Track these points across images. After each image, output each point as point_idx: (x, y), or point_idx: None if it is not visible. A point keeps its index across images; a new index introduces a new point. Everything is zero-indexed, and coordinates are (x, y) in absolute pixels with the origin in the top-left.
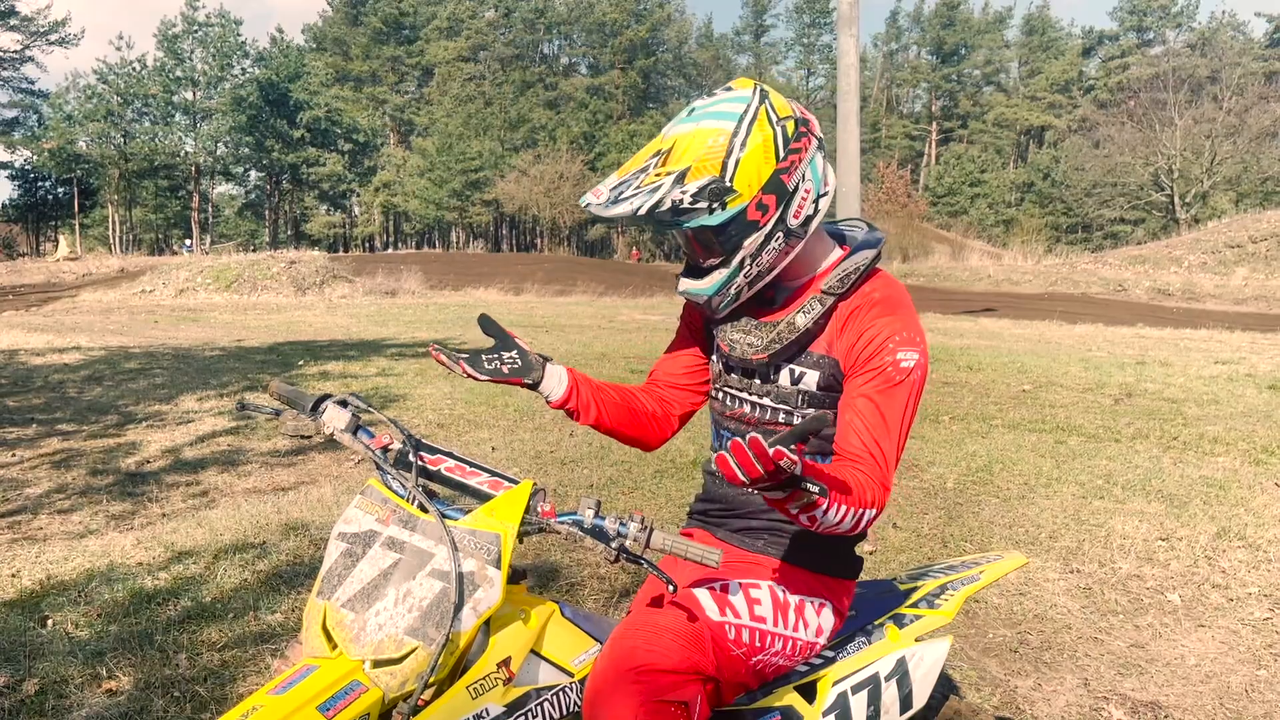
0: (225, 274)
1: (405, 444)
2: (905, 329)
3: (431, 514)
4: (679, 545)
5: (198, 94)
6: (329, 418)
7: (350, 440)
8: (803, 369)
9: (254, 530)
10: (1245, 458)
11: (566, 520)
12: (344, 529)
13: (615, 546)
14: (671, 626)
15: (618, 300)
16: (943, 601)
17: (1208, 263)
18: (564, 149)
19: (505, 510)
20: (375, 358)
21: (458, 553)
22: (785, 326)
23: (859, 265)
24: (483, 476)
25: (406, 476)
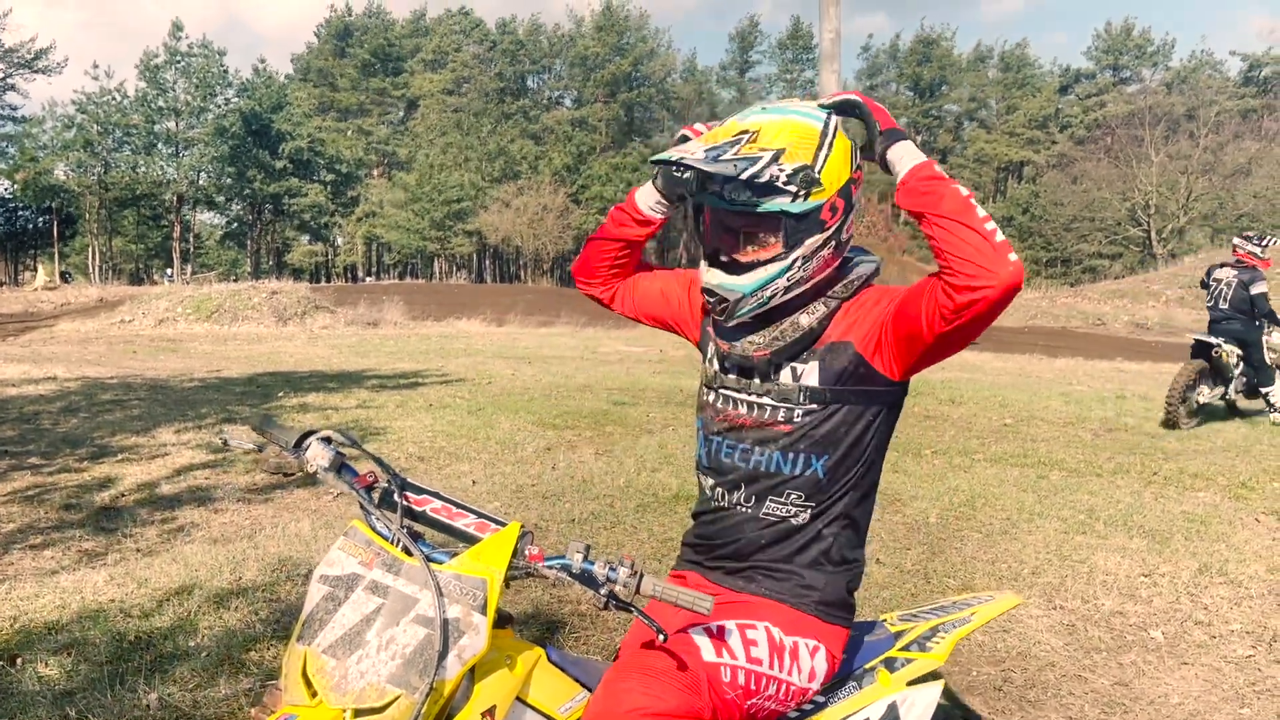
0: (206, 304)
1: (390, 483)
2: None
3: (416, 557)
4: (670, 592)
5: (180, 124)
6: (312, 455)
7: (333, 480)
8: (803, 365)
9: (230, 567)
10: (1225, 493)
11: (555, 565)
12: (326, 571)
13: (604, 593)
14: (667, 669)
15: (600, 332)
16: (934, 644)
17: (1185, 297)
18: (547, 180)
19: (492, 554)
20: (356, 389)
21: (443, 598)
22: (789, 326)
23: (863, 273)
24: (469, 518)
25: (391, 517)
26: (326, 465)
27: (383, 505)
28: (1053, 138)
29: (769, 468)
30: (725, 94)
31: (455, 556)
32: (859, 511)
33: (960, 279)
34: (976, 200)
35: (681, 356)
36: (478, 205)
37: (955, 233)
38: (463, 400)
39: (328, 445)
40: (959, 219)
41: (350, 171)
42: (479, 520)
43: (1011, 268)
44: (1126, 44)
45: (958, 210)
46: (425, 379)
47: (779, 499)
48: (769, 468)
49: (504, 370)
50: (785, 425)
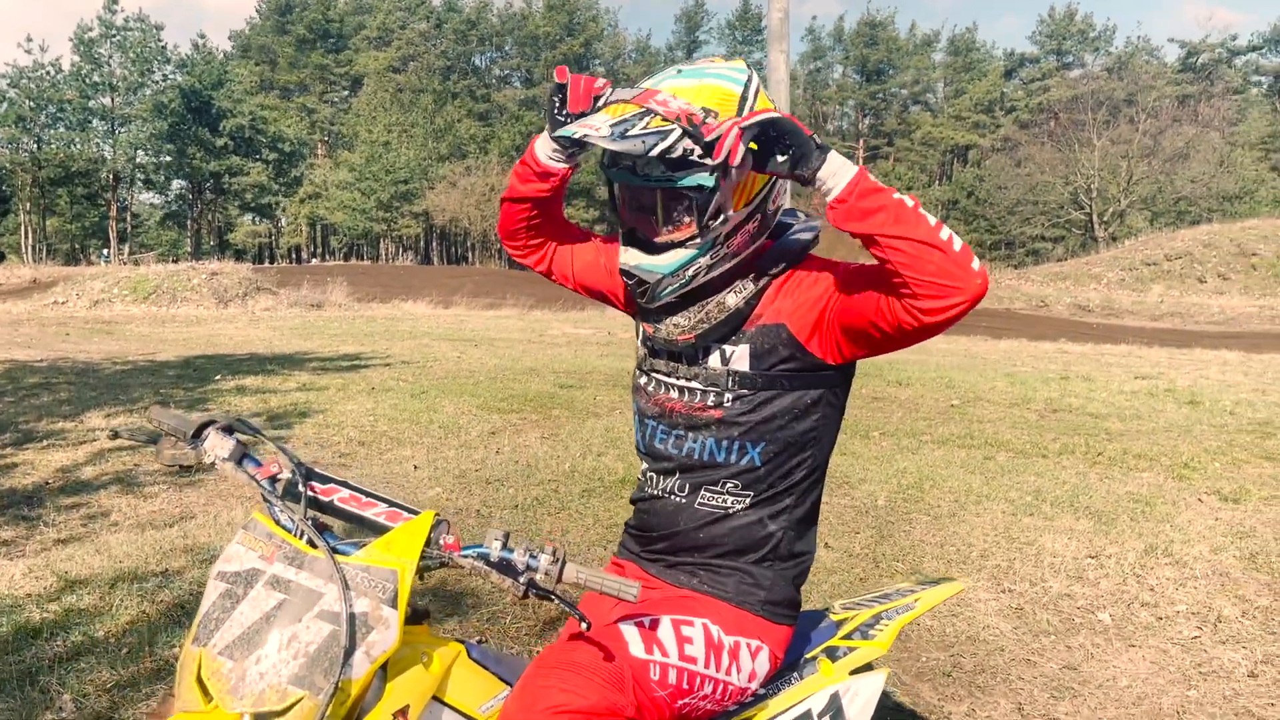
0: (143, 285)
1: (295, 473)
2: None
3: (320, 549)
4: (594, 579)
5: (116, 100)
6: (210, 445)
7: (233, 470)
8: (733, 348)
9: (156, 557)
10: (1169, 473)
11: (471, 554)
12: (224, 568)
13: (524, 581)
14: (588, 664)
15: (548, 314)
16: (877, 632)
17: (1125, 279)
18: (495, 161)
19: (403, 544)
20: (296, 372)
21: (349, 591)
22: (715, 307)
23: (798, 245)
24: (380, 507)
25: (295, 508)
26: (226, 455)
27: (287, 496)
28: (997, 121)
29: (703, 455)
30: None
31: (363, 548)
32: (806, 502)
33: (926, 301)
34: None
35: (629, 339)
36: (424, 185)
37: (915, 254)
38: (406, 383)
39: (228, 435)
40: (916, 238)
41: (294, 150)
42: (390, 509)
43: (978, 279)
44: (1069, 29)
45: (911, 228)
46: (368, 362)
47: (715, 489)
48: (703, 455)
49: (449, 353)
50: (716, 410)
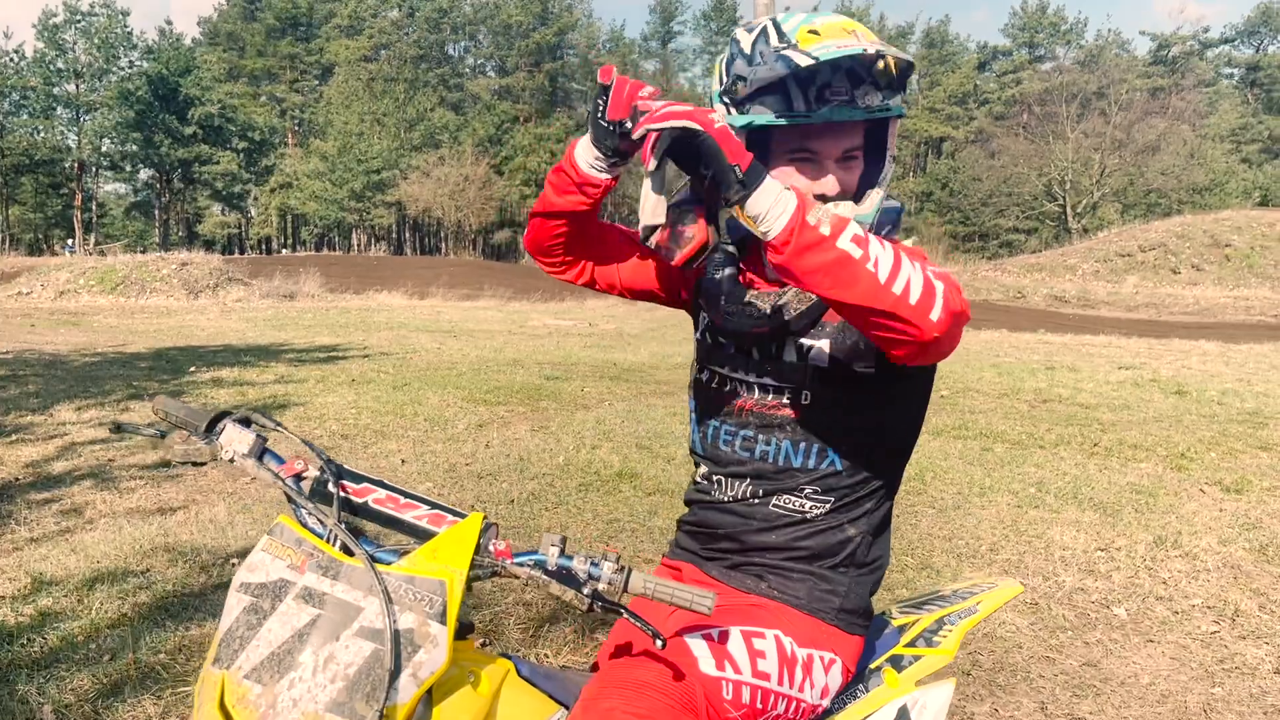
0: (110, 276)
1: (324, 471)
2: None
3: (359, 556)
4: (664, 589)
5: (81, 87)
6: (227, 440)
7: (254, 467)
8: (812, 341)
9: (135, 556)
10: (1166, 463)
11: (526, 561)
12: (247, 578)
13: (588, 593)
14: (656, 683)
15: (527, 305)
16: (941, 638)
17: (1100, 271)
18: (469, 151)
19: (450, 551)
20: (272, 364)
21: (393, 605)
22: (794, 295)
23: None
24: (421, 509)
25: (326, 511)
26: (245, 451)
27: (315, 497)
28: (971, 114)
29: (778, 459)
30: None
31: (406, 555)
32: (885, 505)
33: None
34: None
35: (611, 330)
36: (397, 175)
37: (859, 315)
38: (387, 375)
39: (246, 428)
40: (858, 302)
41: (264, 139)
42: (433, 512)
43: (936, 330)
44: (1041, 22)
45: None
46: (346, 353)
47: (793, 494)
48: (778, 459)
49: (429, 344)
50: (792, 410)
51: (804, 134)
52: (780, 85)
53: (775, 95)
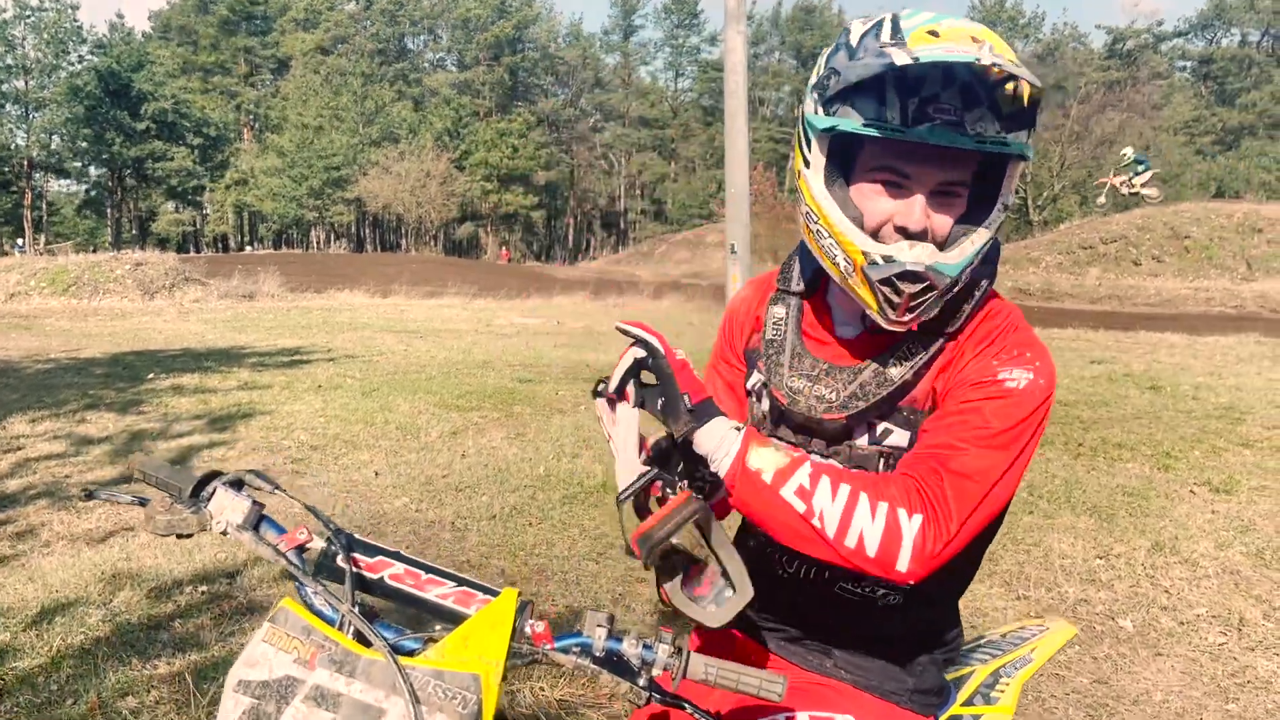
0: (62, 276)
1: (332, 542)
2: (1017, 347)
3: (378, 648)
4: (728, 673)
5: (30, 83)
6: (217, 507)
7: (251, 541)
8: (890, 425)
9: (96, 583)
10: (1152, 463)
11: (570, 646)
12: (247, 675)
13: (644, 683)
14: None
15: (492, 303)
16: (999, 694)
17: (1063, 263)
18: (428, 145)
19: (483, 637)
20: (235, 369)
21: (420, 706)
22: (872, 376)
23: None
24: (446, 586)
25: (338, 591)
26: (240, 520)
27: (322, 573)
28: None
29: None
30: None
31: (431, 643)
32: (964, 583)
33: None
34: (818, 498)
35: (580, 329)
36: (356, 171)
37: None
38: (354, 380)
39: (238, 491)
40: (814, 555)
41: (219, 135)
42: (459, 589)
43: (906, 577)
44: (999, 16)
45: (800, 544)
46: (310, 356)
47: (862, 581)
48: None
49: (395, 345)
50: None
51: (897, 152)
52: (875, 87)
53: (868, 99)
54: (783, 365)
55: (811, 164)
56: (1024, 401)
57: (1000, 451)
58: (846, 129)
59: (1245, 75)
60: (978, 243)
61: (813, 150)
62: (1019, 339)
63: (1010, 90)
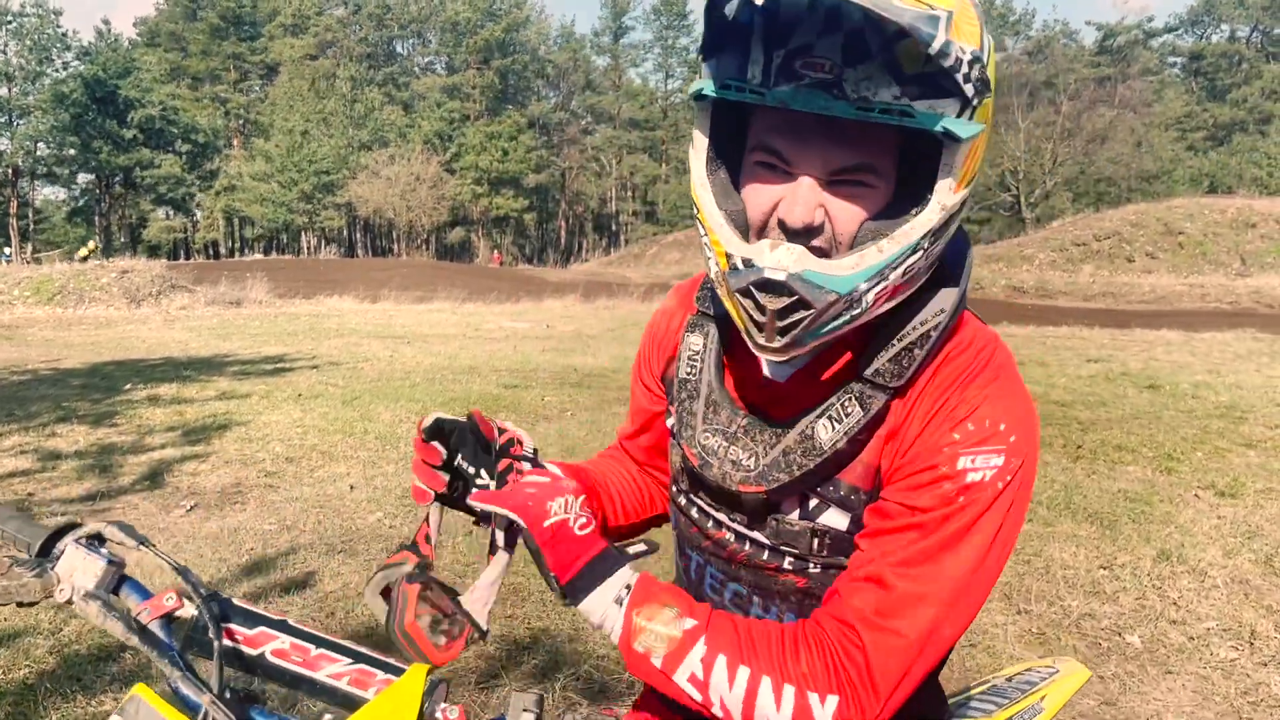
0: (46, 285)
1: (201, 610)
2: (985, 409)
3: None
4: None
5: (13, 90)
6: (66, 569)
7: (98, 614)
8: (825, 502)
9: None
10: (1154, 466)
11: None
12: None
13: None
14: None
15: (482, 307)
16: None
17: (1057, 260)
18: (418, 149)
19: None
20: (215, 378)
21: None
22: (798, 441)
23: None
24: (340, 663)
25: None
26: (92, 587)
27: (195, 648)
28: None
29: None
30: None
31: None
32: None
33: None
34: (713, 687)
35: (570, 332)
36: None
37: None
38: (336, 388)
39: (96, 550)
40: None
41: (208, 141)
42: (356, 667)
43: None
44: (989, 12)
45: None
46: (294, 364)
47: None
48: None
49: (381, 352)
50: (798, 578)
51: (772, 124)
52: (740, 36)
53: (733, 53)
54: (695, 415)
55: (695, 142)
56: (988, 499)
57: (951, 580)
58: (705, 92)
59: (1235, 71)
60: (890, 250)
61: (695, 125)
62: (988, 394)
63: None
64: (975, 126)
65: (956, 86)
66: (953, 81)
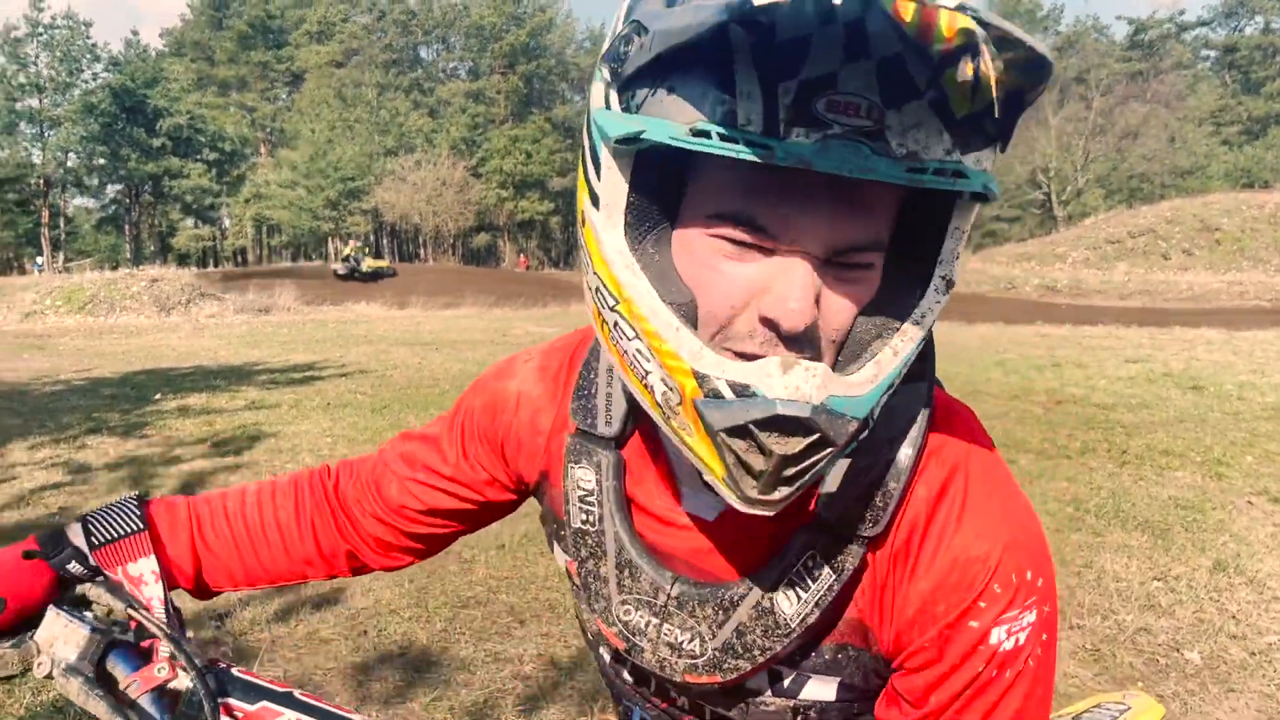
0: (78, 295)
1: (196, 685)
2: (1007, 563)
3: None
4: None
5: (44, 101)
6: (47, 638)
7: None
8: (804, 674)
9: None
10: (1204, 471)
11: None
12: None
13: None
14: None
15: (509, 312)
16: None
17: (1090, 258)
18: (444, 154)
19: None
20: (244, 387)
21: None
22: (754, 616)
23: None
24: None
25: None
26: (74, 658)
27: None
28: None
29: None
30: None
31: None
32: None
33: None
34: None
35: None
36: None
37: None
38: (365, 396)
39: (76, 617)
40: None
41: (235, 150)
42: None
43: None
44: (1018, 8)
45: None
46: (322, 372)
47: None
48: None
49: (409, 359)
50: None
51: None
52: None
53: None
54: (605, 582)
55: (603, 200)
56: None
57: None
58: (660, 140)
59: (1270, 63)
60: (904, 351)
61: (604, 175)
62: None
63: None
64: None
65: (1004, 129)
66: (1001, 125)
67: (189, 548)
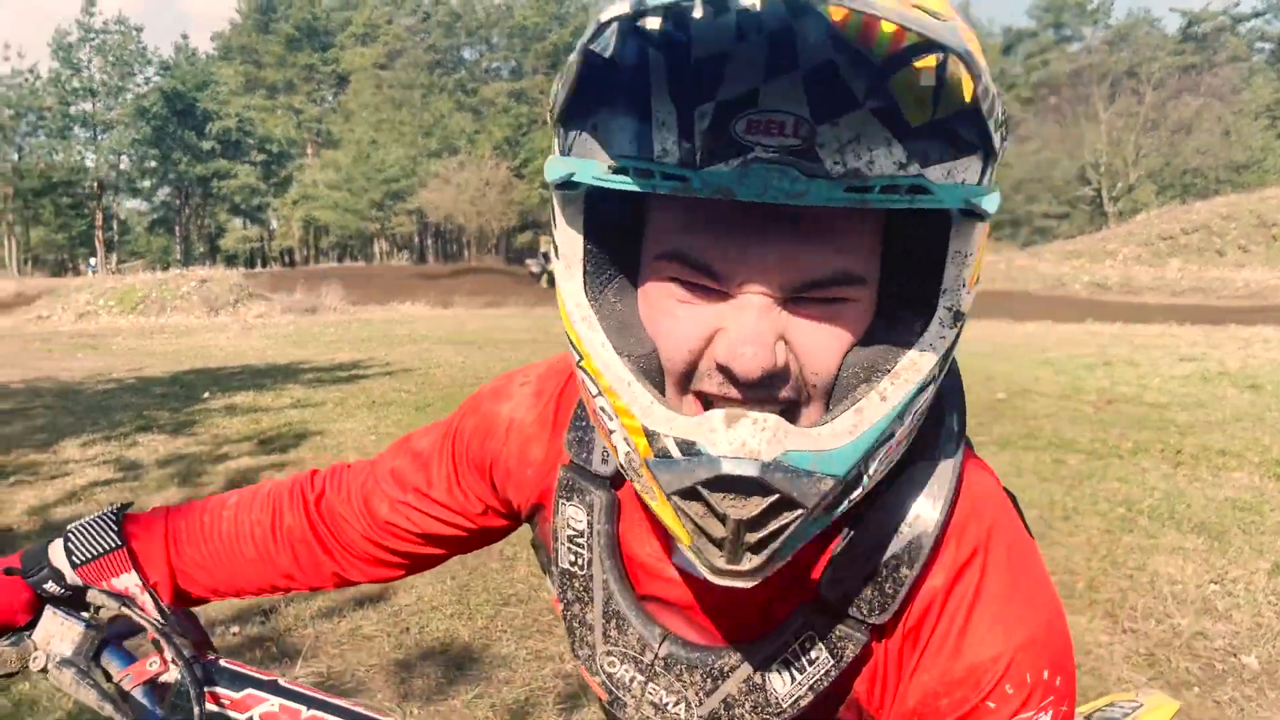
0: (130, 295)
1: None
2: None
3: None
4: None
5: (97, 105)
6: (44, 636)
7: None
8: None
9: None
10: (1262, 471)
11: None
12: None
13: None
14: None
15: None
16: None
17: (1142, 255)
18: (487, 154)
19: None
20: (290, 385)
21: None
22: (744, 692)
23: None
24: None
25: None
26: (69, 653)
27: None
28: None
29: None
30: None
31: None
32: None
33: None
34: None
35: None
36: (416, 182)
37: None
38: (409, 395)
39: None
40: None
41: (282, 151)
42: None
43: None
44: (1067, 2)
45: None
46: (367, 371)
47: None
48: None
49: (452, 358)
50: None
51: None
52: (633, 82)
53: (622, 110)
54: (591, 629)
55: (561, 249)
56: None
57: None
58: (588, 181)
59: None
60: (896, 395)
61: (558, 223)
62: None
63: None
64: (996, 194)
65: (983, 137)
66: (979, 131)
67: (164, 562)
